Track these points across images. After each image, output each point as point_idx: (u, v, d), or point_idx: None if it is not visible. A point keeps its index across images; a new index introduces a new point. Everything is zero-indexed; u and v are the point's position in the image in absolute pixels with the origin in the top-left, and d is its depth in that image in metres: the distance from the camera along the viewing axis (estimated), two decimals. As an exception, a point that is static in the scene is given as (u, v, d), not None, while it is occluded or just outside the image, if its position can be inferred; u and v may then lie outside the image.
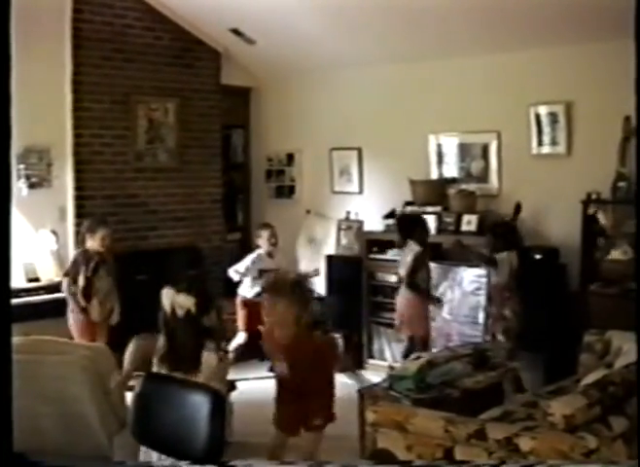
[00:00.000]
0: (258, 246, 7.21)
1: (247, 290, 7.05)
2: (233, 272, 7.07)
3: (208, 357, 3.73)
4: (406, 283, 6.21)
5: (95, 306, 6.03)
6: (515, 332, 5.92)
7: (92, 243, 6.08)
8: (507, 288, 5.99)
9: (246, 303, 7.01)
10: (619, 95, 5.54)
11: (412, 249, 6.17)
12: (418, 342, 6.30)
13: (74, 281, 6.02)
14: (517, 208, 6.36)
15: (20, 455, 2.26)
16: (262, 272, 6.90)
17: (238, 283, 7.15)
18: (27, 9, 5.74)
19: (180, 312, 3.68)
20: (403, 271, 6.24)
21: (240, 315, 7.04)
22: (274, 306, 4.00)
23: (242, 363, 6.86)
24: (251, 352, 6.91)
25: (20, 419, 2.19)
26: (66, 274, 6.11)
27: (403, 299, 6.28)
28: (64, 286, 6.06)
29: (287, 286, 4.05)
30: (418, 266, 6.16)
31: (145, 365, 3.83)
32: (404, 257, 6.26)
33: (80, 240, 6.24)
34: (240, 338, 6.98)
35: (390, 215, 7.31)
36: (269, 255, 7.13)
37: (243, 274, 7.03)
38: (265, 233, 7.14)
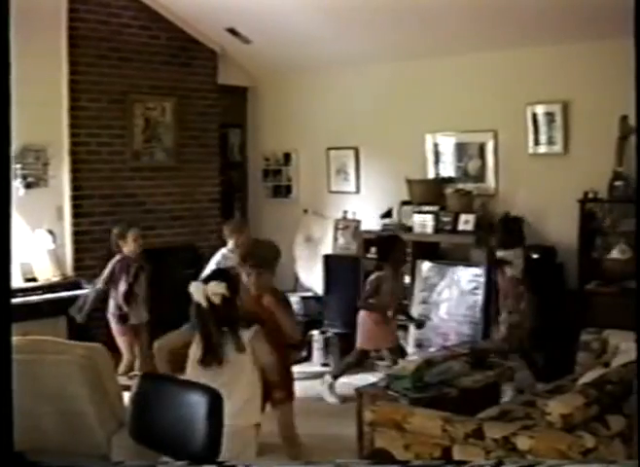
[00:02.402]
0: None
1: None
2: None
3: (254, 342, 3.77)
4: (358, 305, 6.24)
5: (135, 311, 6.10)
6: (526, 327, 5.87)
7: (127, 247, 6.11)
8: (522, 282, 5.97)
9: None
10: (615, 95, 5.55)
11: (376, 273, 6.18)
12: (360, 355, 6.31)
13: (115, 287, 6.13)
14: None
15: (20, 455, 2.26)
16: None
17: None
18: (23, 8, 5.73)
19: (217, 300, 3.68)
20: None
21: None
22: (261, 276, 4.59)
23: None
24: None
25: (19, 418, 2.19)
26: (106, 283, 6.17)
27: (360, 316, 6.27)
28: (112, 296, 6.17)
29: (273, 257, 4.79)
30: (378, 287, 6.15)
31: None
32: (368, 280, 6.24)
33: (115, 247, 6.26)
34: None
35: (387, 214, 7.31)
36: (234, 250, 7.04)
37: None
38: (245, 231, 7.00)
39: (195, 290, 3.73)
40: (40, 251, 6.68)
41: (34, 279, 6.52)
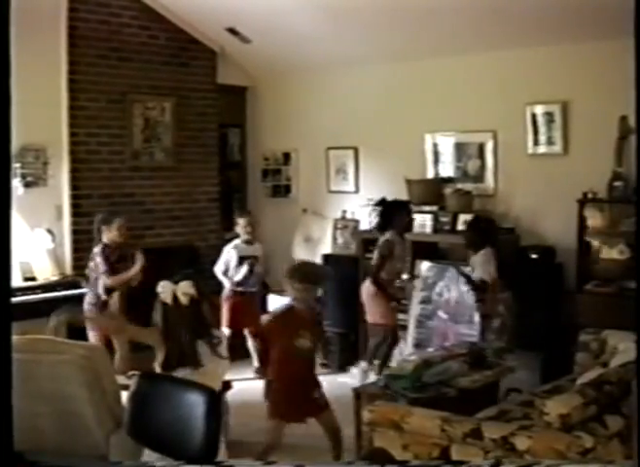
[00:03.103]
0: (237, 235, 7.16)
1: (230, 279, 7.02)
2: (219, 271, 7.03)
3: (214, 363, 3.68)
4: (370, 279, 6.30)
5: (115, 299, 6.02)
6: (509, 329, 5.89)
7: (110, 235, 6.05)
8: (496, 284, 5.92)
9: (229, 296, 6.97)
10: (615, 95, 5.55)
11: (384, 237, 6.18)
12: (387, 333, 6.33)
13: (95, 278, 6.05)
14: None
15: (19, 455, 2.27)
16: (242, 259, 6.95)
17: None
18: (23, 8, 5.73)
19: (184, 301, 3.62)
20: (373, 261, 6.31)
21: (224, 309, 6.94)
22: (305, 290, 4.59)
23: (234, 363, 6.85)
24: (243, 352, 6.91)
25: (17, 418, 2.19)
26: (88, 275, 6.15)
27: (365, 290, 6.39)
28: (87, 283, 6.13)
29: (320, 274, 4.84)
30: (386, 257, 6.14)
31: None
32: (377, 246, 6.32)
33: (96, 234, 6.16)
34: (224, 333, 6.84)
35: (380, 203, 7.23)
36: (248, 242, 7.07)
37: (226, 267, 6.99)
38: (241, 221, 7.10)
39: (164, 289, 3.65)
40: (39, 250, 6.68)
41: (33, 278, 6.52)
